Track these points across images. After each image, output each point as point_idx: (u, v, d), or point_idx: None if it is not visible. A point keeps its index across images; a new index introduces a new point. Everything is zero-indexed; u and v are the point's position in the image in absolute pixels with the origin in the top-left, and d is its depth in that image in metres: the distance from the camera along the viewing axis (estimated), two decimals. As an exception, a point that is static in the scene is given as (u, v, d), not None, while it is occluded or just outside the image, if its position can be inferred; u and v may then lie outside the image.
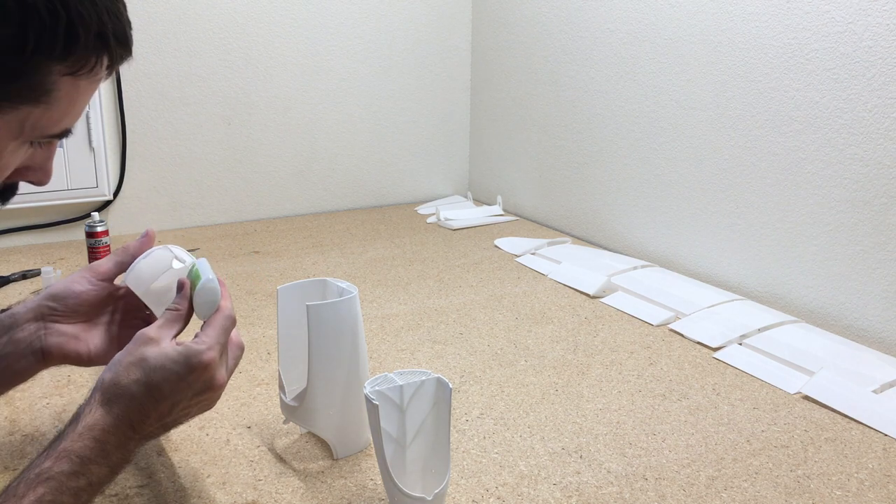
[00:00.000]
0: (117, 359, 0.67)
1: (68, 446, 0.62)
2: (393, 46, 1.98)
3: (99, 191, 1.69)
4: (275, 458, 0.84)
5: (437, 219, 1.88)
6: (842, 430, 0.93)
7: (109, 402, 0.64)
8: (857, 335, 1.19)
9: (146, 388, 0.65)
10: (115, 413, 0.64)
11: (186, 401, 0.67)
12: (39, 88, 0.56)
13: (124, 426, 0.64)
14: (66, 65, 0.57)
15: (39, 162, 0.66)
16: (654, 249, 1.57)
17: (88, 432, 0.63)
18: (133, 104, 1.72)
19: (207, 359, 0.66)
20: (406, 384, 0.75)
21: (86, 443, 0.63)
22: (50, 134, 0.61)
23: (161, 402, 0.65)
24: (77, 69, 0.58)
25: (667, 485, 0.80)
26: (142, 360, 0.66)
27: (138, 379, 0.65)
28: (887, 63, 1.11)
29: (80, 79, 0.59)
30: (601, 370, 1.08)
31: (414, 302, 1.33)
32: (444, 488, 0.71)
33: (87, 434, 0.63)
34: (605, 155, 1.67)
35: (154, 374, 0.65)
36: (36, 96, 0.57)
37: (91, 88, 0.61)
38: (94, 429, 0.63)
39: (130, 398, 0.65)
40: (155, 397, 0.65)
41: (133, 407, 0.65)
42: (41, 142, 0.63)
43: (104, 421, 0.64)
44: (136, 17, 1.83)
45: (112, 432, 0.64)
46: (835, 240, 1.21)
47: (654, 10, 1.49)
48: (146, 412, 0.65)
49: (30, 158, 0.65)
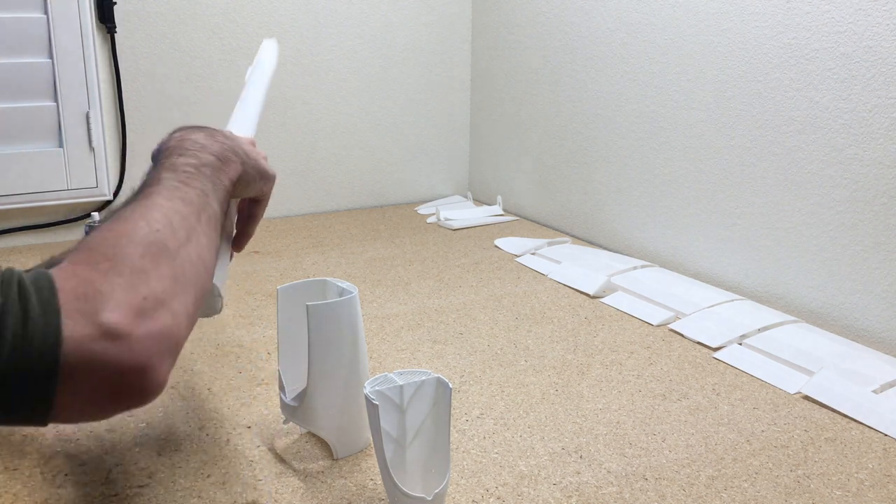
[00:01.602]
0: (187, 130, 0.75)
1: (155, 175, 0.65)
2: (393, 46, 1.98)
3: (99, 191, 1.69)
4: (275, 458, 0.84)
5: (437, 219, 1.88)
6: (842, 430, 0.93)
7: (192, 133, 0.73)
8: (857, 335, 1.19)
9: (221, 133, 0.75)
10: (198, 139, 0.71)
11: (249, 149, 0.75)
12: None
13: (199, 134, 0.71)
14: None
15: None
16: (654, 249, 1.57)
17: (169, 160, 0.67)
18: (133, 104, 1.72)
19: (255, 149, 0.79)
20: (406, 384, 0.75)
21: (164, 161, 0.67)
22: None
23: (234, 139, 0.74)
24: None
25: (667, 485, 0.80)
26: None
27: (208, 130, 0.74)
28: (887, 63, 1.11)
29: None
30: (601, 370, 1.08)
31: (414, 302, 1.33)
32: (444, 488, 0.71)
33: (166, 160, 0.67)
34: (605, 155, 1.67)
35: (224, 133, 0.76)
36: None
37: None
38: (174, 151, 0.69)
39: (213, 132, 0.73)
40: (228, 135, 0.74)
41: (218, 134, 0.73)
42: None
43: (178, 140, 0.70)
44: (137, 16, 1.84)
45: (193, 140, 0.70)
46: (835, 240, 1.21)
47: (654, 10, 1.49)
48: (214, 132, 0.73)
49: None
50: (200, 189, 0.64)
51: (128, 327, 0.48)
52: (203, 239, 0.61)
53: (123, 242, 0.53)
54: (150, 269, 0.52)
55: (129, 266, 0.51)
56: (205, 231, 0.61)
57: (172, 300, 0.53)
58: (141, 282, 0.51)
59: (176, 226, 0.57)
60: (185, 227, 0.58)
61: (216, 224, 0.65)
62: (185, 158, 0.66)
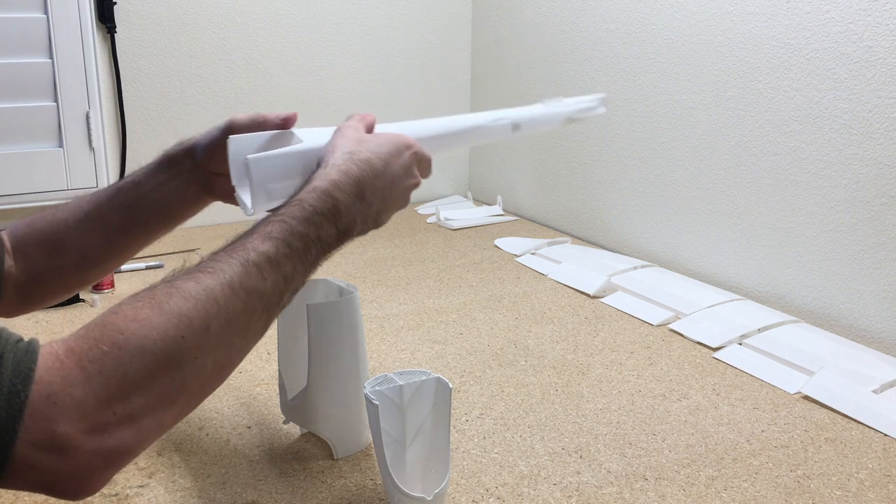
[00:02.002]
0: (343, 139, 0.71)
1: (302, 196, 0.64)
2: (393, 46, 1.98)
3: (99, 191, 1.69)
4: (275, 458, 0.84)
5: (437, 219, 1.88)
6: (842, 430, 0.93)
7: (346, 163, 0.67)
8: (857, 335, 1.19)
9: (376, 156, 0.69)
10: (350, 174, 0.67)
11: (400, 181, 0.71)
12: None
13: (356, 190, 0.66)
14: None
15: None
16: (654, 249, 1.57)
17: (322, 188, 0.65)
18: (133, 104, 1.73)
19: (414, 143, 0.73)
20: (406, 384, 0.75)
21: (319, 195, 0.64)
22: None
23: (387, 171, 0.70)
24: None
25: (667, 485, 0.80)
26: (370, 138, 0.72)
27: (370, 148, 0.70)
28: (887, 63, 1.11)
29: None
30: (601, 370, 1.08)
31: (414, 302, 1.33)
32: (444, 488, 0.71)
33: (320, 189, 0.64)
34: (606, 155, 1.67)
35: (382, 146, 0.70)
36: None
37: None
38: (328, 185, 0.65)
39: (366, 162, 0.68)
40: (384, 163, 0.70)
41: (367, 171, 0.68)
42: None
43: (340, 179, 0.66)
44: (137, 16, 1.84)
45: (346, 191, 0.66)
46: (835, 240, 1.21)
47: (654, 10, 1.49)
48: (377, 181, 0.69)
49: None
50: (287, 274, 0.60)
51: (79, 442, 0.47)
52: (238, 342, 0.57)
53: (134, 345, 0.50)
54: (143, 384, 0.50)
55: (120, 376, 0.49)
56: (251, 332, 0.59)
57: (148, 416, 0.50)
58: (121, 397, 0.49)
59: (213, 330, 0.54)
60: (224, 332, 0.55)
61: (277, 310, 0.61)
62: (302, 227, 0.62)
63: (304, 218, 0.62)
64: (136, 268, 1.49)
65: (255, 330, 0.59)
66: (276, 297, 0.60)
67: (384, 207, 0.71)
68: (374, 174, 0.68)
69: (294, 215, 0.62)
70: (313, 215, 0.63)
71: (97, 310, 1.28)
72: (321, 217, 0.63)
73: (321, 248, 0.64)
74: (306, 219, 0.62)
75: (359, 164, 0.68)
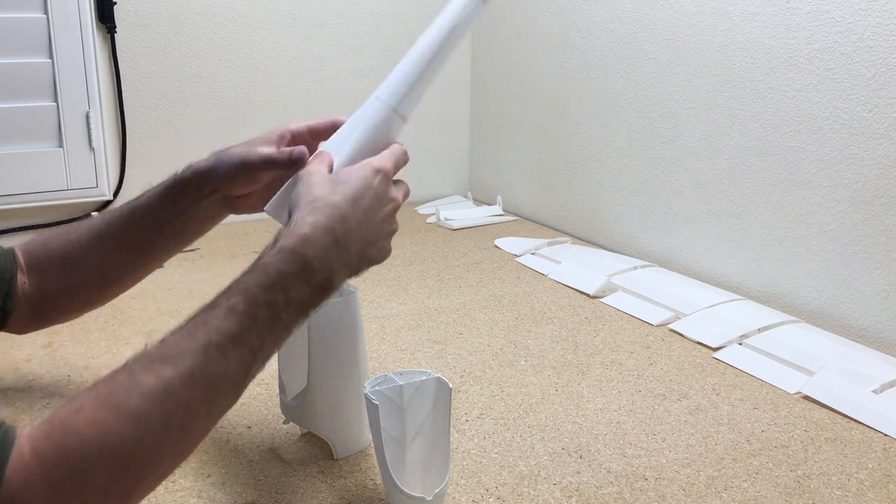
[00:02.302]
0: (305, 188, 0.67)
1: (266, 260, 0.61)
2: (393, 46, 1.98)
3: (99, 191, 1.69)
4: (275, 458, 0.84)
5: (437, 219, 1.88)
6: (842, 430, 0.93)
7: (311, 214, 0.64)
8: (857, 335, 1.19)
9: (343, 196, 0.66)
10: (317, 224, 0.63)
11: (375, 212, 0.68)
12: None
13: (327, 239, 0.63)
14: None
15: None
16: (654, 249, 1.57)
17: (288, 248, 0.62)
18: (133, 104, 1.73)
19: (382, 164, 0.69)
20: (406, 384, 0.75)
21: (284, 256, 0.61)
22: None
23: (359, 209, 0.66)
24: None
25: (667, 485, 0.80)
26: (332, 179, 0.67)
27: (334, 189, 0.66)
28: (887, 63, 1.11)
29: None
30: (601, 370, 1.08)
31: (414, 302, 1.33)
32: (444, 488, 0.71)
33: (286, 249, 0.62)
34: (605, 155, 1.67)
35: (346, 184, 0.67)
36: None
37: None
38: (295, 244, 0.62)
39: (332, 206, 0.65)
40: (353, 200, 0.66)
41: (335, 215, 0.64)
42: None
43: (305, 232, 0.63)
44: (137, 16, 1.84)
45: (316, 244, 0.62)
46: (835, 240, 1.21)
47: (654, 10, 1.49)
48: (348, 222, 0.65)
49: None
50: (254, 346, 0.59)
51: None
52: (200, 427, 0.57)
53: (94, 452, 0.50)
54: (102, 487, 0.50)
55: (80, 484, 0.49)
56: (214, 415, 0.58)
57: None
58: (72, 497, 0.49)
59: (173, 426, 0.54)
60: (184, 426, 0.55)
61: (246, 382, 0.60)
62: (268, 294, 0.60)
63: (268, 285, 0.60)
64: (136, 268, 1.49)
65: (218, 411, 0.59)
66: (243, 372, 0.59)
67: (367, 243, 0.68)
68: (343, 217, 0.65)
69: (259, 282, 0.60)
70: (279, 279, 0.61)
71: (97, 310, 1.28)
72: (289, 279, 0.61)
73: (295, 310, 0.62)
74: (271, 285, 0.60)
75: (325, 212, 0.65)
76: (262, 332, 0.59)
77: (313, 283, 0.63)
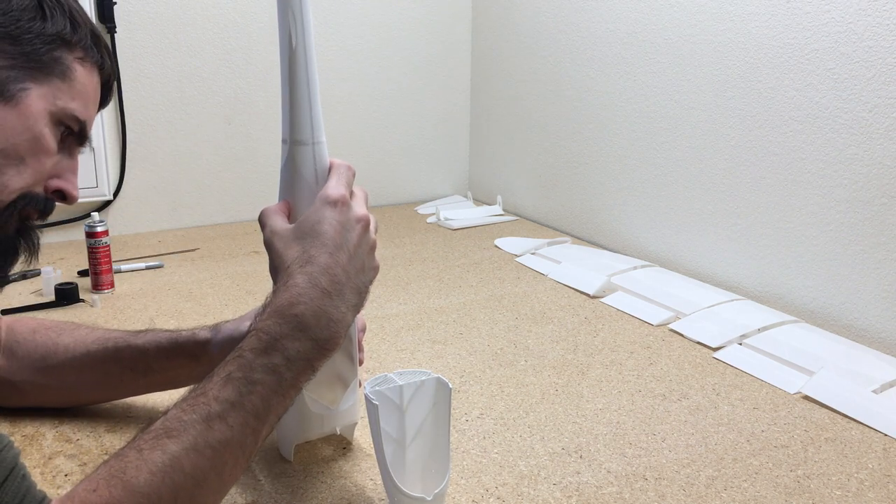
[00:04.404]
0: (276, 256, 0.67)
1: (259, 325, 0.62)
2: (393, 46, 1.98)
3: (99, 191, 1.69)
4: (275, 458, 0.84)
5: (437, 219, 1.88)
6: (842, 430, 0.93)
7: (290, 278, 0.64)
8: (857, 335, 1.19)
9: (321, 243, 0.66)
10: (300, 282, 0.64)
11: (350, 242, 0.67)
12: (62, 64, 0.65)
13: (320, 292, 0.64)
14: (75, 52, 0.66)
15: (65, 169, 0.68)
16: (654, 249, 1.57)
17: (279, 310, 0.63)
18: (133, 104, 1.73)
19: (332, 193, 0.69)
20: (406, 384, 0.75)
21: (276, 319, 0.62)
22: (73, 114, 0.66)
23: (334, 250, 0.66)
24: (82, 56, 0.67)
25: (667, 485, 0.80)
26: (297, 235, 0.67)
27: (301, 244, 0.66)
28: (887, 63, 1.11)
29: (85, 65, 0.67)
30: (601, 370, 1.08)
31: (414, 302, 1.33)
32: (444, 488, 0.71)
33: (278, 312, 0.63)
34: (605, 155, 1.67)
35: (311, 233, 0.66)
36: (61, 71, 0.65)
37: (92, 82, 0.68)
38: (285, 304, 0.63)
39: (307, 261, 0.65)
40: (325, 245, 0.65)
41: (316, 269, 0.64)
42: (66, 134, 0.67)
43: (298, 292, 0.63)
44: (137, 16, 1.83)
45: (310, 297, 0.63)
46: (835, 240, 1.21)
47: (654, 10, 1.49)
48: (329, 268, 0.65)
49: (57, 164, 0.67)
50: (257, 410, 0.60)
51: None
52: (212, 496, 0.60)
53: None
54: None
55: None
56: (224, 481, 0.60)
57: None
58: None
59: (182, 499, 0.56)
60: (194, 496, 0.57)
61: (256, 445, 0.62)
62: (263, 358, 0.61)
63: (262, 349, 0.61)
64: (136, 268, 1.49)
65: (229, 477, 0.61)
66: (250, 436, 0.60)
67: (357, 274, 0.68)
68: (325, 268, 0.65)
69: (253, 347, 0.61)
70: (273, 342, 0.62)
71: (97, 310, 1.28)
72: (284, 340, 0.62)
73: (299, 368, 0.63)
74: (265, 349, 0.61)
75: (306, 269, 0.65)
76: (265, 395, 0.61)
77: (314, 337, 0.63)
